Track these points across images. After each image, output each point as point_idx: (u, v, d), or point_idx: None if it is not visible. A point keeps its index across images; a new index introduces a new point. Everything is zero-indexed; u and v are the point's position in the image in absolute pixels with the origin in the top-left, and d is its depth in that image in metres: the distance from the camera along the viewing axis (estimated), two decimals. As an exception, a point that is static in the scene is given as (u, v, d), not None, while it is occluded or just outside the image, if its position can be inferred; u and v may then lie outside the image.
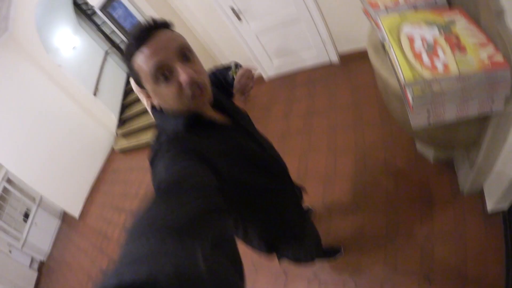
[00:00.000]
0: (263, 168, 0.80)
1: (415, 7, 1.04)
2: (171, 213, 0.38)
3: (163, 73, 0.61)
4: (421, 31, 0.90)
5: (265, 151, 0.86)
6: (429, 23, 0.92)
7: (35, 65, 5.30)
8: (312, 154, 2.31)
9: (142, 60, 0.61)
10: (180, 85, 0.62)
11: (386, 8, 1.06)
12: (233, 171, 0.67)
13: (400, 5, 1.05)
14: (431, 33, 0.88)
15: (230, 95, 0.96)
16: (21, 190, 5.93)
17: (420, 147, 1.73)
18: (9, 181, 5.76)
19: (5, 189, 5.73)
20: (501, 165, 1.11)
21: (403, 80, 0.78)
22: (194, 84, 0.63)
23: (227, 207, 0.47)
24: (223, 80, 0.96)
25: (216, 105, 0.79)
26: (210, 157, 0.61)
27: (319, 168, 2.18)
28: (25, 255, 5.65)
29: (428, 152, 1.67)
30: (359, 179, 1.91)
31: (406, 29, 0.93)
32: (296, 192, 1.07)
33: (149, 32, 0.62)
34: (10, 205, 5.83)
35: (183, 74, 0.61)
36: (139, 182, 4.28)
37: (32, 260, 5.73)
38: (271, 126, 2.83)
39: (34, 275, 5.54)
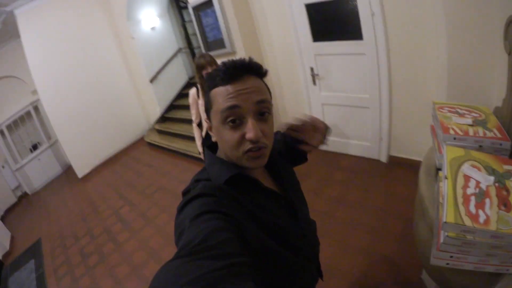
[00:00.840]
0: (293, 244, 0.76)
1: (481, 145, 1.06)
2: (195, 271, 0.39)
3: (233, 119, 0.61)
4: (478, 175, 0.91)
5: (302, 231, 0.82)
6: (488, 169, 0.93)
7: (111, 25, 5.42)
8: (321, 241, 2.25)
9: (221, 95, 0.61)
10: (242, 137, 0.61)
11: (455, 136, 1.08)
12: (260, 239, 0.64)
13: (468, 136, 1.07)
14: (486, 181, 0.89)
15: (293, 162, 0.97)
16: (42, 123, 6.05)
17: (426, 276, 1.72)
18: (36, 108, 5.89)
19: (28, 114, 5.85)
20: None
21: (444, 219, 0.79)
22: (255, 144, 0.61)
23: (249, 265, 0.48)
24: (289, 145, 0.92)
25: (271, 167, 0.78)
26: (240, 220, 0.59)
27: (321, 256, 2.11)
28: (15, 179, 5.69)
29: (431, 284, 1.65)
30: (356, 283, 1.89)
31: (466, 169, 0.93)
32: (317, 271, 1.03)
33: (241, 73, 0.62)
34: (26, 129, 5.94)
35: (251, 131, 0.60)
36: (150, 182, 4.22)
37: (18, 187, 5.76)
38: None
39: (12, 199, 5.56)
